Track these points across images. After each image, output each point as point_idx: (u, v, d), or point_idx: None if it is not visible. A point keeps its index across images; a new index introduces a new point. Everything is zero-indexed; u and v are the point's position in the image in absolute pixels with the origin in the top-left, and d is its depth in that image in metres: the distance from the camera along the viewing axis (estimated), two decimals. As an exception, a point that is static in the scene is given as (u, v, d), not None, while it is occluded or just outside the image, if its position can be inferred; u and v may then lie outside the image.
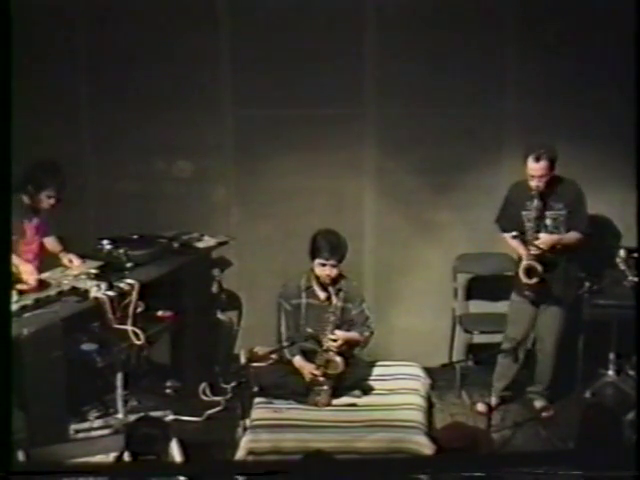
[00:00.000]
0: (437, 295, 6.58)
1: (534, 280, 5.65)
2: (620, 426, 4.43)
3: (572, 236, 5.69)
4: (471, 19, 6.27)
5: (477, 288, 6.58)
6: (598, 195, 6.39)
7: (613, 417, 4.44)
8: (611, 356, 6.23)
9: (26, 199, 5.61)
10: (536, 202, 5.61)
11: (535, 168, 5.57)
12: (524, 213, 5.70)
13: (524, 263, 5.66)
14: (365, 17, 6.33)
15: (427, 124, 6.42)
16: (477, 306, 6.59)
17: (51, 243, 5.80)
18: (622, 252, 5.89)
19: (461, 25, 6.27)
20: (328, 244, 5.63)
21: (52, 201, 5.61)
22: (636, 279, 5.73)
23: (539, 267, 5.63)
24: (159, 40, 6.31)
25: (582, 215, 5.73)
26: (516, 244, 5.78)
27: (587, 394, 6.09)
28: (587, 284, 5.81)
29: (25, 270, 5.33)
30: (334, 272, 5.68)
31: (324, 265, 5.66)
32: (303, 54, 6.34)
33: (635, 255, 5.85)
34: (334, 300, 5.69)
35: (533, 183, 5.61)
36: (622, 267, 5.82)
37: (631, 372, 6.19)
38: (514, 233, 5.70)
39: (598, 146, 6.32)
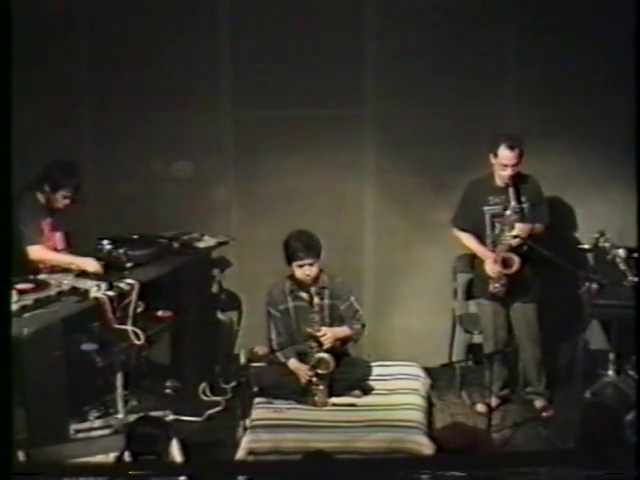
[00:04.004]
0: (437, 295, 6.57)
1: (513, 269, 5.66)
2: (620, 426, 4.43)
3: (539, 227, 5.78)
4: (471, 19, 6.27)
5: (477, 288, 6.58)
6: (598, 195, 6.41)
7: (613, 417, 4.43)
8: (611, 356, 6.24)
9: (42, 198, 5.64)
10: (511, 192, 5.63)
11: (509, 157, 5.59)
12: (486, 209, 5.74)
13: (500, 255, 5.66)
14: (365, 17, 6.33)
15: (427, 124, 6.43)
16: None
17: (58, 240, 5.82)
18: (622, 252, 5.88)
19: (461, 25, 6.28)
20: (301, 244, 5.64)
21: (67, 201, 5.66)
22: (636, 279, 5.73)
23: (515, 256, 5.65)
24: (159, 40, 6.31)
25: (544, 208, 5.82)
26: (475, 244, 5.80)
27: (587, 394, 6.09)
28: (587, 284, 5.80)
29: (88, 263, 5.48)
30: (314, 271, 5.68)
31: (302, 266, 5.66)
32: (303, 54, 6.34)
33: (635, 255, 5.84)
34: (316, 300, 5.69)
35: (506, 172, 5.63)
36: (622, 267, 5.82)
37: (631, 372, 6.20)
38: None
39: (598, 146, 6.33)
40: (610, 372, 6.24)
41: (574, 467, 3.49)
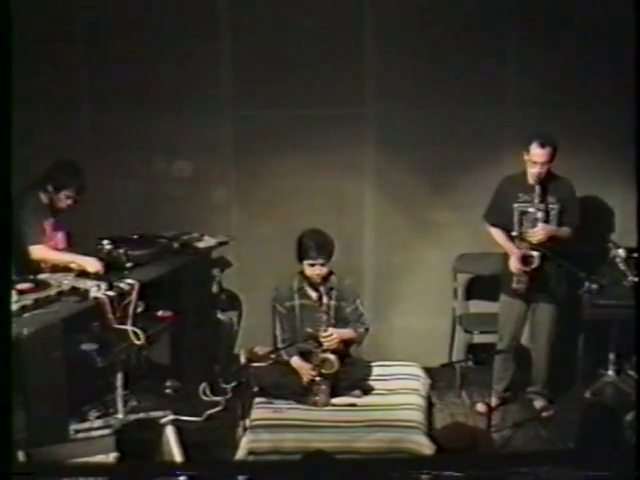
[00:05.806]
0: (437, 295, 6.58)
1: (531, 267, 5.64)
2: (620, 426, 4.43)
3: (565, 230, 5.74)
4: (471, 19, 6.27)
5: (477, 288, 6.58)
6: (598, 195, 6.41)
7: (613, 417, 4.44)
8: (611, 356, 6.24)
9: (44, 198, 5.64)
10: (537, 189, 5.62)
11: (540, 154, 5.58)
12: (515, 206, 5.72)
13: (521, 252, 5.65)
14: (365, 17, 6.34)
15: (427, 124, 6.42)
16: (477, 306, 6.60)
17: (60, 239, 5.82)
18: (622, 252, 5.89)
19: (461, 25, 6.28)
20: (315, 244, 5.65)
21: (70, 201, 5.67)
22: (636, 279, 5.73)
23: (535, 254, 5.63)
24: (159, 40, 6.31)
25: (575, 211, 5.78)
26: (504, 240, 5.78)
27: (587, 394, 6.09)
28: (587, 284, 5.80)
29: (89, 263, 5.47)
30: (324, 271, 5.69)
31: (313, 265, 5.67)
32: (303, 54, 6.34)
33: (635, 255, 5.84)
34: (325, 299, 5.70)
35: (536, 170, 5.61)
36: (622, 267, 5.82)
37: (631, 372, 6.20)
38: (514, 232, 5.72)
39: (598, 146, 6.33)
40: (610, 372, 6.25)
41: (574, 467, 3.49)
